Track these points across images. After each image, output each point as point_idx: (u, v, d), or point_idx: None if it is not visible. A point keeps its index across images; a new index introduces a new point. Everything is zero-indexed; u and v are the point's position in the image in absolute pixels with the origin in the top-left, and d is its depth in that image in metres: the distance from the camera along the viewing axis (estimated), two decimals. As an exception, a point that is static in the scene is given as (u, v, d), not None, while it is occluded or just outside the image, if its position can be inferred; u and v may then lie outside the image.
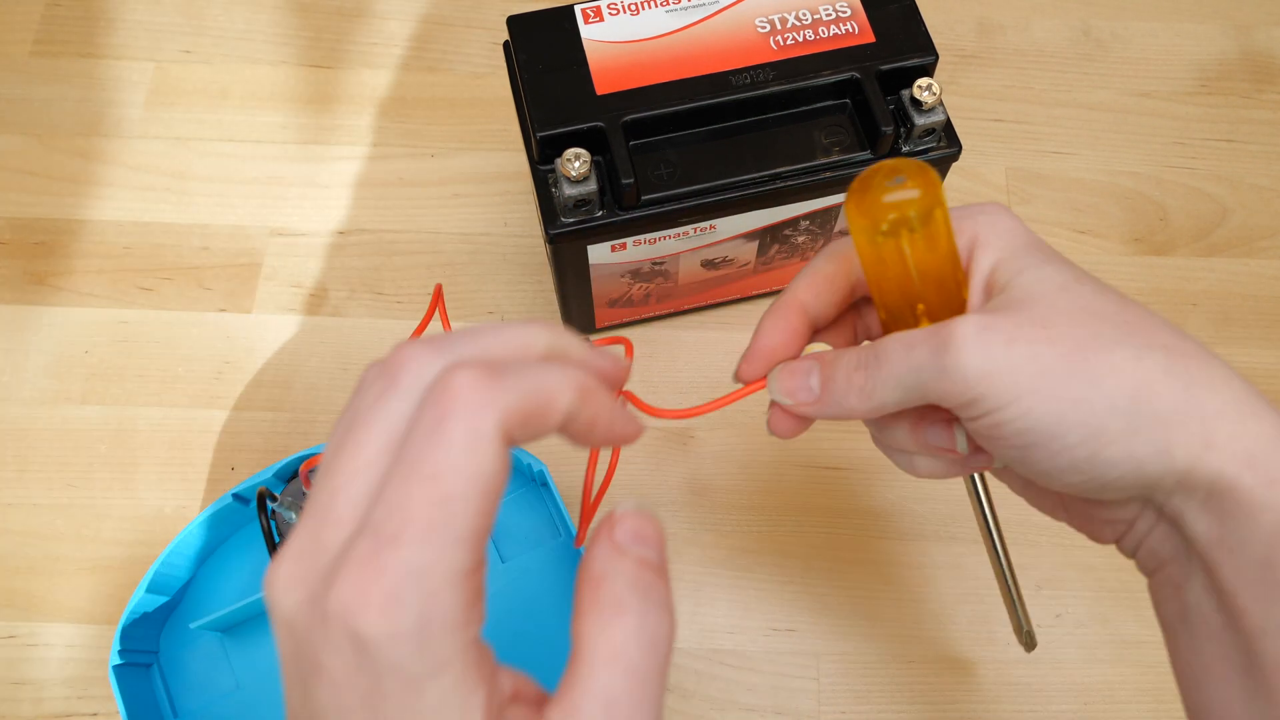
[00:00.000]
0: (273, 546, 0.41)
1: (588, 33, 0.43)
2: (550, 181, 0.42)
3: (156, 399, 0.52)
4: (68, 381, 0.53)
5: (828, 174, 0.43)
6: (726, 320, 0.55)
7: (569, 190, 0.41)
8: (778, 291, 0.54)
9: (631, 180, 0.40)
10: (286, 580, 0.21)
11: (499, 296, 0.55)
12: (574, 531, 0.43)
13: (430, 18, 0.63)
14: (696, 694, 0.47)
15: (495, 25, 0.62)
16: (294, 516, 0.45)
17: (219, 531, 0.47)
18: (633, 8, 0.44)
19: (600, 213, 0.42)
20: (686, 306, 0.54)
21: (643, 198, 0.42)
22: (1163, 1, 0.64)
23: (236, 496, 0.46)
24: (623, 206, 0.42)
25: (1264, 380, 0.53)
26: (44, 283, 0.55)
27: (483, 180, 0.58)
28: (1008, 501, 0.50)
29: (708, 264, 0.48)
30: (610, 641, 0.22)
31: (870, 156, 0.43)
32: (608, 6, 0.44)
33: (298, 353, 0.54)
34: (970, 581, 0.49)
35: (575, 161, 0.40)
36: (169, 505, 0.50)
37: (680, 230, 0.44)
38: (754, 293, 0.54)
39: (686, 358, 0.54)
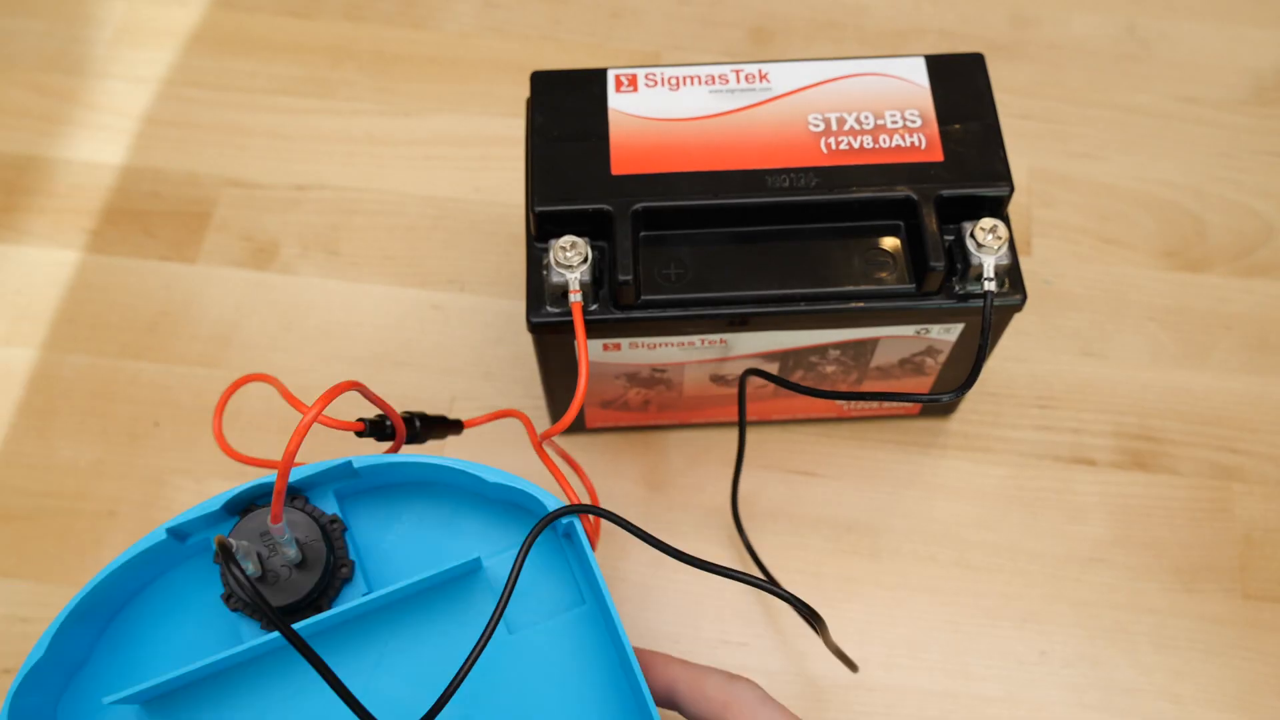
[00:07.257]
0: (263, 603, 0.25)
1: (616, 102, 0.38)
2: (542, 263, 0.37)
3: (85, 345, 0.49)
4: (-5, 321, 0.50)
5: (863, 303, 0.37)
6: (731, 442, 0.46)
7: (557, 278, 0.36)
8: (800, 421, 0.47)
9: (630, 277, 0.35)
10: None
11: (461, 265, 0.51)
12: (605, 596, 0.31)
13: (422, -25, 0.60)
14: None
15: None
16: (251, 566, 0.31)
17: (144, 574, 0.33)
18: (672, 81, 0.39)
19: (593, 306, 0.37)
20: (693, 421, 0.47)
21: (642, 298, 0.36)
22: (1219, 2, 0.59)
23: (171, 533, 0.31)
24: (618, 305, 0.37)
25: (1303, 412, 0.48)
26: (-16, 218, 0.52)
27: (458, 143, 0.55)
28: (998, 526, 0.45)
29: (718, 379, 0.42)
30: None
31: (913, 291, 0.37)
32: (645, 76, 0.39)
33: (240, 308, 0.50)
34: (946, 609, 0.44)
35: (568, 250, 0.36)
36: (84, 458, 0.47)
37: (685, 340, 0.39)
38: (774, 418, 0.47)
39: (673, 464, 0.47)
